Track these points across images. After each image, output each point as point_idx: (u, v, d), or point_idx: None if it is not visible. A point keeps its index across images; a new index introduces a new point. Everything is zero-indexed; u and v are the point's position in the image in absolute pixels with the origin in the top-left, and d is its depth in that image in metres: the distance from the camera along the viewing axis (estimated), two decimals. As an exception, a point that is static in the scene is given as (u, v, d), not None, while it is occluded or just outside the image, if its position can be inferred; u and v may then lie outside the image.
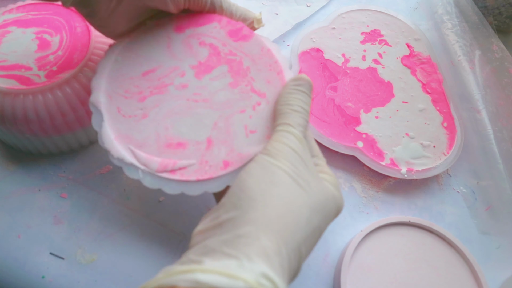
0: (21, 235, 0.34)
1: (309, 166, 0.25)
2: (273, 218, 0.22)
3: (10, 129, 0.34)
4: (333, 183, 0.27)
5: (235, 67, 0.31)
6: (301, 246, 0.23)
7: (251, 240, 0.21)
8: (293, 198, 0.23)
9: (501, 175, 0.41)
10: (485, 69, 0.46)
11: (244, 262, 0.20)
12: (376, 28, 0.50)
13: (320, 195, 0.25)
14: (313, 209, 0.24)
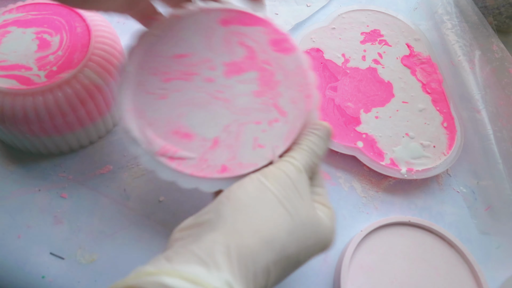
0: (21, 235, 0.34)
1: (303, 195, 0.25)
2: (249, 231, 0.23)
3: (10, 129, 0.34)
4: (329, 215, 0.27)
5: (265, 77, 0.31)
6: (270, 267, 0.22)
7: (223, 248, 0.22)
8: (274, 218, 0.23)
9: (501, 175, 0.41)
10: (485, 69, 0.46)
11: (211, 269, 0.21)
12: (376, 28, 0.50)
13: (307, 223, 0.24)
14: (293, 234, 0.24)
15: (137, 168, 0.39)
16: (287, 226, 0.24)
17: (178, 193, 0.38)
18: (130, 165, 0.39)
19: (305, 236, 0.24)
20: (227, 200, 0.24)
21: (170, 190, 0.38)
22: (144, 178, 0.38)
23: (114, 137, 0.40)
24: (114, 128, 0.41)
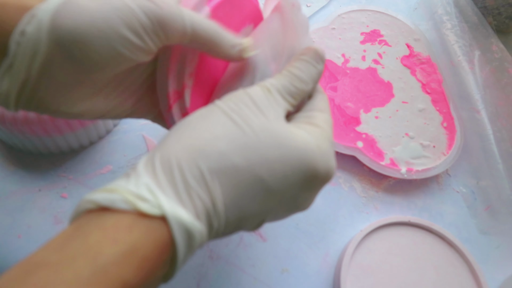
0: (21, 235, 0.34)
1: (265, 112, 0.22)
2: (178, 141, 0.20)
3: (11, 129, 0.34)
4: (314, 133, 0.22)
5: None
6: (206, 175, 0.20)
7: (145, 160, 0.20)
8: (212, 128, 0.21)
9: (500, 175, 0.41)
10: (484, 69, 0.47)
11: (131, 178, 0.19)
12: (376, 28, 0.50)
13: (264, 135, 0.21)
14: (238, 143, 0.20)
15: (137, 168, 0.39)
16: (230, 136, 0.20)
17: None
18: (130, 165, 0.39)
19: (261, 148, 0.20)
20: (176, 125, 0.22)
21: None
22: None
23: (114, 137, 0.40)
24: (114, 128, 0.41)
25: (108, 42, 0.21)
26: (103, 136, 0.40)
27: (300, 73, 0.24)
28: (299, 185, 0.21)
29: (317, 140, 0.22)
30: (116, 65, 0.22)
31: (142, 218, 0.18)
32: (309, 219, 0.39)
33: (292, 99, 0.24)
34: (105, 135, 0.40)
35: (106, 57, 0.21)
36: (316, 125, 0.23)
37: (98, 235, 0.18)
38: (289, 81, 0.24)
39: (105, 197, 0.19)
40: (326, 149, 0.22)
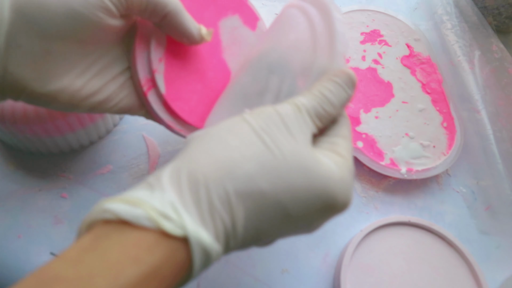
0: (21, 235, 0.34)
1: (295, 133, 0.21)
2: (206, 157, 0.20)
3: (11, 129, 0.34)
4: (340, 164, 0.22)
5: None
6: (231, 198, 0.19)
7: (171, 171, 0.20)
8: (242, 147, 0.20)
9: (500, 175, 0.41)
10: (484, 69, 0.46)
11: (155, 191, 0.19)
12: (376, 28, 0.50)
13: (292, 160, 0.20)
14: (268, 168, 0.20)
15: (137, 168, 0.39)
16: (259, 158, 0.20)
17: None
18: (131, 165, 0.39)
19: (288, 175, 0.20)
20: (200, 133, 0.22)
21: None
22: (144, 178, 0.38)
23: (114, 137, 0.40)
24: (114, 128, 0.41)
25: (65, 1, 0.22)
26: (103, 136, 0.40)
27: (331, 96, 0.24)
28: (317, 213, 0.21)
29: (341, 172, 0.22)
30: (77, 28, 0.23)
31: (165, 238, 0.18)
32: (309, 219, 0.39)
33: (319, 122, 0.23)
34: (105, 135, 0.40)
35: (65, 19, 0.22)
36: (340, 154, 0.23)
37: (118, 252, 0.17)
38: (319, 102, 0.23)
39: (128, 211, 0.18)
40: (348, 181, 0.22)
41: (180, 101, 0.29)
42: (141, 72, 0.28)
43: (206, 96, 0.30)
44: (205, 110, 0.30)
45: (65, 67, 0.24)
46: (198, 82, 0.30)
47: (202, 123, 0.30)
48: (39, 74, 0.23)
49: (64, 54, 0.24)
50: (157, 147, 0.40)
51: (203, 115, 0.30)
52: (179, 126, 0.29)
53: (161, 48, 0.28)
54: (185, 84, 0.29)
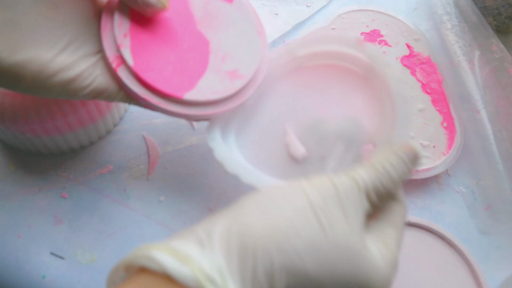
0: (21, 235, 0.34)
1: (349, 215, 0.21)
2: (260, 224, 0.20)
3: (11, 129, 0.34)
4: (386, 257, 0.22)
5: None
6: (275, 272, 0.19)
7: (224, 230, 0.20)
8: (296, 222, 0.20)
9: (500, 175, 0.41)
10: (484, 69, 0.46)
11: (205, 249, 0.19)
12: (376, 28, 0.50)
13: (342, 246, 0.20)
14: (316, 249, 0.20)
15: (137, 168, 0.39)
16: (310, 237, 0.20)
17: (178, 193, 0.38)
18: (131, 165, 0.39)
19: (335, 259, 0.20)
20: (254, 192, 0.22)
21: (170, 190, 0.38)
22: (144, 178, 0.38)
23: (114, 137, 0.40)
24: (114, 128, 0.41)
25: None
26: (103, 136, 0.40)
27: (393, 171, 0.23)
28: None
29: (386, 267, 0.22)
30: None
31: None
32: (309, 219, 0.39)
33: (376, 200, 0.23)
34: (105, 135, 0.40)
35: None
36: (389, 247, 0.22)
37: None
38: (380, 178, 0.22)
39: (175, 267, 0.18)
40: (390, 278, 0.22)
41: (151, 72, 0.29)
42: (108, 50, 0.28)
43: (182, 66, 0.30)
44: (182, 79, 0.30)
45: (33, 37, 0.25)
46: (171, 53, 0.30)
47: (181, 92, 0.29)
48: (5, 43, 0.24)
49: (31, 23, 0.24)
50: (157, 147, 0.40)
51: (180, 84, 0.29)
52: (156, 99, 0.29)
53: (125, 24, 0.29)
54: (156, 56, 0.30)
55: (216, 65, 0.31)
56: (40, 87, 0.26)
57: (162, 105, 0.29)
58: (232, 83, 0.31)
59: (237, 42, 0.32)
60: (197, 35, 0.31)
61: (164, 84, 0.29)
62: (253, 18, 0.33)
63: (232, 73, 0.31)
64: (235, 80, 0.31)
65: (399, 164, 0.23)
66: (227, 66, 0.31)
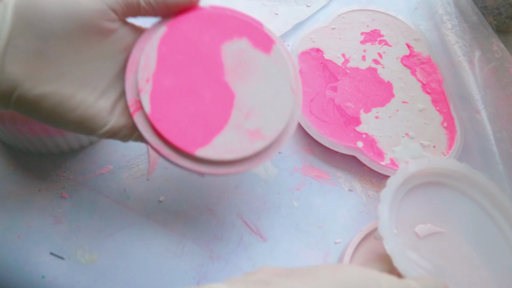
0: (21, 235, 0.34)
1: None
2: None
3: (10, 129, 0.34)
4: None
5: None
6: None
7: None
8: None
9: (500, 176, 0.41)
10: (485, 69, 0.46)
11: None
12: (376, 28, 0.50)
13: None
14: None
15: (137, 168, 0.39)
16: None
17: (178, 193, 0.38)
18: (130, 165, 0.39)
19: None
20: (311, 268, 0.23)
21: (170, 190, 0.38)
22: (144, 178, 0.38)
23: (114, 137, 0.40)
24: (114, 128, 0.40)
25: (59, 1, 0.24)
26: (103, 136, 0.40)
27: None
28: None
29: None
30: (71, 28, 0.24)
31: None
32: (309, 219, 0.39)
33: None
34: (105, 135, 0.40)
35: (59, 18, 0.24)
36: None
37: None
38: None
39: None
40: None
41: (166, 122, 0.27)
42: (128, 93, 0.28)
43: (201, 119, 0.28)
44: (197, 133, 0.28)
45: (58, 71, 0.25)
46: (191, 104, 0.28)
47: (193, 147, 0.27)
48: (31, 74, 0.24)
49: (58, 57, 0.24)
50: (157, 147, 0.40)
51: (195, 138, 0.28)
52: (167, 150, 0.28)
53: (150, 67, 0.28)
54: (175, 105, 0.28)
55: (238, 122, 0.28)
56: (57, 121, 0.26)
57: (172, 158, 0.28)
58: (251, 143, 0.28)
59: (266, 98, 0.29)
60: (222, 87, 0.29)
61: (177, 137, 0.27)
62: (289, 72, 0.30)
63: (253, 133, 0.28)
64: (256, 140, 0.28)
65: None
66: (250, 124, 0.28)
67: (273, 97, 0.29)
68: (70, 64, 0.25)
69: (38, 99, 0.24)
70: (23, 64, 0.24)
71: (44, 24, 0.24)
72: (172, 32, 0.29)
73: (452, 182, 0.38)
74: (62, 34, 0.24)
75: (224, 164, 0.28)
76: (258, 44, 0.30)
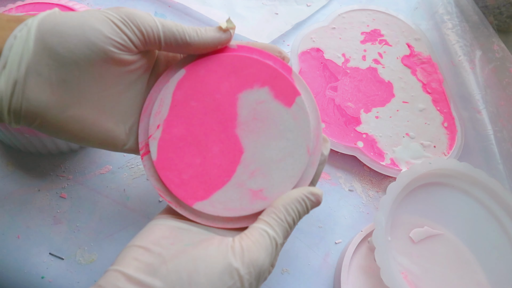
0: (20, 235, 0.34)
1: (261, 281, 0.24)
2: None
3: (10, 129, 0.34)
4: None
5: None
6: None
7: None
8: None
9: (501, 175, 0.41)
10: (485, 69, 0.46)
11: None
12: (376, 28, 0.50)
13: None
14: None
15: (136, 168, 0.39)
16: None
17: (178, 193, 0.38)
18: (130, 165, 0.39)
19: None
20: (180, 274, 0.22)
21: (170, 190, 0.38)
22: (143, 178, 0.38)
23: (113, 137, 0.40)
24: (113, 128, 0.40)
25: (82, 32, 0.24)
26: (103, 136, 0.40)
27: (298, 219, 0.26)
28: None
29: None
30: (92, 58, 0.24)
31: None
32: (309, 219, 0.39)
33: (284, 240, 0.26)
34: (104, 135, 0.40)
35: (81, 49, 0.24)
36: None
37: None
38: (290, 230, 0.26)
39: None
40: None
41: (170, 171, 0.27)
42: (140, 136, 0.28)
43: (204, 172, 0.27)
44: (198, 186, 0.27)
45: (80, 97, 0.25)
46: (197, 156, 0.27)
47: (192, 200, 0.27)
48: (55, 102, 0.24)
49: (80, 84, 0.25)
50: (157, 147, 0.40)
51: (195, 191, 0.27)
52: (168, 197, 0.27)
53: (163, 113, 0.28)
54: (181, 155, 0.27)
55: (241, 180, 0.27)
56: (79, 142, 0.27)
57: (173, 205, 0.27)
58: (251, 203, 0.27)
59: (277, 156, 0.27)
60: (232, 140, 0.27)
61: (178, 188, 0.27)
62: (309, 130, 0.27)
63: (255, 193, 0.27)
64: (256, 200, 0.27)
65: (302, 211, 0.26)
66: (253, 183, 0.27)
67: (284, 157, 0.27)
68: (91, 91, 0.26)
69: (60, 125, 0.25)
70: (47, 92, 0.24)
71: (68, 53, 0.24)
72: (190, 77, 0.28)
73: (453, 182, 0.37)
74: (84, 64, 0.24)
75: (221, 219, 0.27)
76: (280, 94, 0.28)
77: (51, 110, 0.24)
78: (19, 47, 0.23)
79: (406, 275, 0.34)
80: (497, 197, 0.37)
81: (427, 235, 0.36)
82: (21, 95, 0.23)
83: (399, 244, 0.35)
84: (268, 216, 0.25)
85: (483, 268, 0.35)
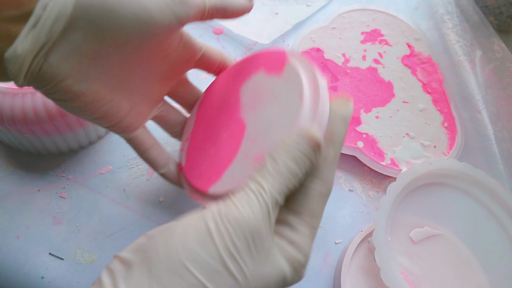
0: (20, 235, 0.34)
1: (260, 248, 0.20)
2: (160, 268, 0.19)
3: (9, 129, 0.34)
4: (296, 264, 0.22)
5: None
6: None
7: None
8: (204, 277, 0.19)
9: (501, 175, 0.41)
10: (485, 69, 0.46)
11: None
12: (377, 27, 0.50)
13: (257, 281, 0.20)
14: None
15: (136, 168, 0.39)
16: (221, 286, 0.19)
17: (178, 193, 0.38)
18: (130, 165, 0.39)
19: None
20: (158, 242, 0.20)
21: (170, 190, 0.38)
22: (143, 178, 0.38)
23: (113, 137, 0.40)
24: (113, 128, 0.40)
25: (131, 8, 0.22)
26: (102, 136, 0.40)
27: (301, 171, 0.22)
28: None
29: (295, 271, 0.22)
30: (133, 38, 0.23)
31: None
32: (309, 220, 0.39)
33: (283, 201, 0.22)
34: (104, 135, 0.40)
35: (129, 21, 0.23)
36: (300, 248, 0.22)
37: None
38: (286, 184, 0.21)
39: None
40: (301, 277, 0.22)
41: (193, 168, 0.30)
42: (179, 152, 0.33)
43: (216, 158, 0.28)
44: (212, 173, 0.28)
45: (102, 72, 0.24)
46: (211, 147, 0.29)
47: (207, 186, 0.27)
48: (75, 73, 0.23)
49: (109, 61, 0.24)
50: (157, 147, 0.40)
51: (209, 178, 0.28)
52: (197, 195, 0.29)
53: (189, 128, 0.33)
54: (201, 152, 0.30)
55: (246, 151, 0.27)
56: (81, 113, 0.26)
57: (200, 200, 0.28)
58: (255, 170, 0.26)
59: (274, 118, 0.27)
60: (237, 123, 0.28)
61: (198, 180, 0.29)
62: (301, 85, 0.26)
63: (257, 158, 0.26)
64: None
65: (304, 161, 0.21)
66: (255, 149, 0.26)
67: (280, 115, 0.26)
68: (116, 70, 0.25)
69: (70, 95, 0.24)
70: (71, 62, 0.23)
71: (109, 28, 0.22)
72: (207, 93, 0.34)
73: (454, 182, 0.37)
74: (121, 42, 0.23)
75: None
76: (272, 69, 0.28)
77: (68, 80, 0.23)
78: (54, 8, 0.21)
79: (406, 275, 0.34)
80: (497, 197, 0.37)
81: (427, 235, 0.36)
82: (43, 58, 0.22)
83: (399, 244, 0.35)
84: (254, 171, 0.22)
85: (483, 268, 0.35)
